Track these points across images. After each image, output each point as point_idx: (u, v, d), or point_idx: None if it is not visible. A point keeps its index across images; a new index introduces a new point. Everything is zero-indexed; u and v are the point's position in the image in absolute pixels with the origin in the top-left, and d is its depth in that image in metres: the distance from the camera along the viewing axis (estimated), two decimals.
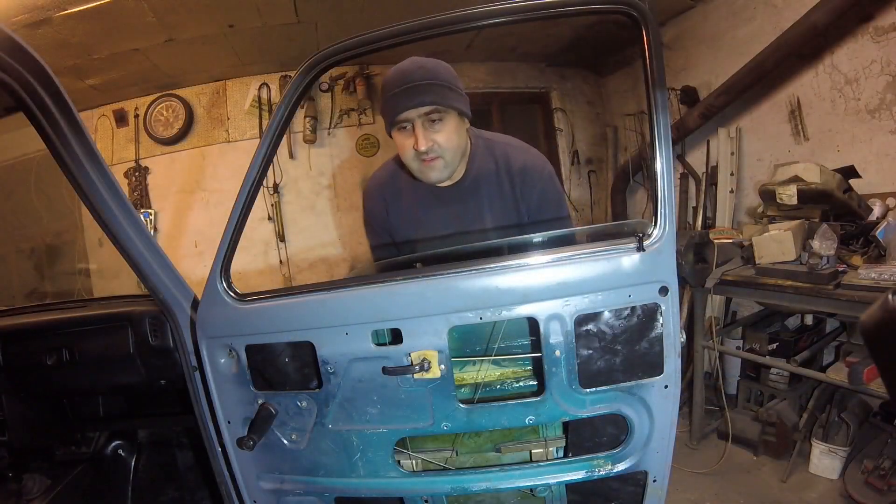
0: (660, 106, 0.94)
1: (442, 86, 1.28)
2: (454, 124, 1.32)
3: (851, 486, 2.17)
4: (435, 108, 1.27)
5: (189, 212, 4.04)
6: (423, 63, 1.31)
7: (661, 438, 1.06)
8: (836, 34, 2.58)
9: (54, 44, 2.88)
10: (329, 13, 3.19)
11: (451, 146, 1.32)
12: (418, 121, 1.27)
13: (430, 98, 1.25)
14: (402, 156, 1.36)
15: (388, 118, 1.31)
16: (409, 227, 1.48)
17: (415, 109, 1.26)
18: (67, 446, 1.77)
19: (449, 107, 1.29)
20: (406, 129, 1.30)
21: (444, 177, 1.37)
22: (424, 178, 1.37)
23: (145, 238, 1.08)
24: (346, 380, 1.07)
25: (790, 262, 2.30)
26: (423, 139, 1.27)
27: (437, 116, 1.28)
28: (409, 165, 1.37)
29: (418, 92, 1.25)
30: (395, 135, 1.33)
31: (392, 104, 1.27)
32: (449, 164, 1.34)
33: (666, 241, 0.96)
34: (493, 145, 1.45)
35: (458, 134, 1.34)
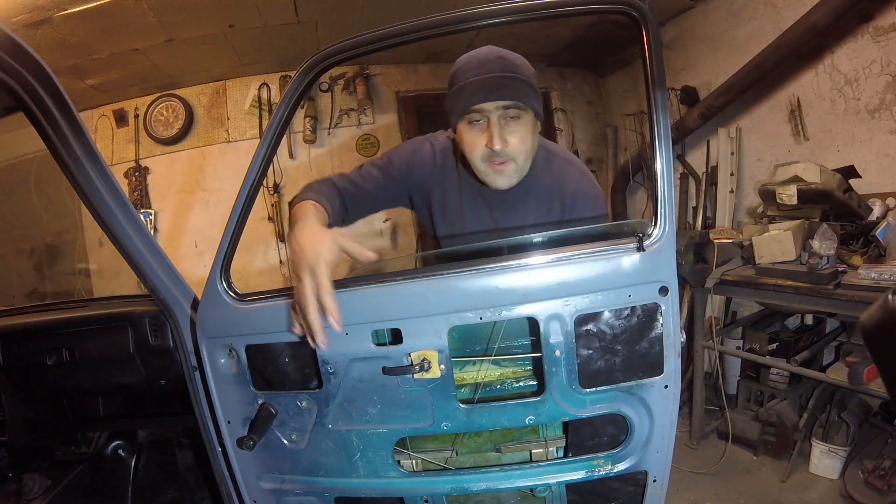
0: (660, 106, 0.94)
1: (524, 81, 1.16)
2: (530, 126, 1.19)
3: (851, 486, 2.17)
4: (515, 104, 1.14)
5: (189, 212, 4.05)
6: (505, 54, 1.19)
7: (661, 438, 1.06)
8: (836, 34, 2.58)
9: (54, 44, 2.88)
10: (329, 13, 3.20)
11: (525, 150, 1.19)
12: (495, 115, 1.14)
13: (512, 92, 1.13)
14: (467, 152, 1.21)
15: (457, 108, 1.17)
16: (447, 217, 1.37)
17: (493, 102, 1.13)
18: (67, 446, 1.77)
19: (529, 106, 1.17)
20: (478, 124, 1.17)
21: (513, 183, 1.23)
22: (491, 182, 1.23)
23: (145, 238, 1.08)
24: (346, 380, 1.07)
25: (790, 262, 2.30)
26: (499, 138, 1.14)
27: (515, 114, 1.15)
28: (474, 165, 1.22)
29: (500, 84, 1.13)
30: (463, 129, 1.19)
31: (465, 93, 1.14)
32: (520, 169, 1.21)
33: (666, 241, 0.96)
34: (552, 158, 1.33)
35: (533, 138, 1.21)
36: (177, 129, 3.94)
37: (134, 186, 3.94)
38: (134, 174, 3.95)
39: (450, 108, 1.20)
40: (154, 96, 3.93)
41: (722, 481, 2.47)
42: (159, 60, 3.47)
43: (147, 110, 3.93)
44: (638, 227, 0.98)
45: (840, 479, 2.28)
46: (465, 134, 1.20)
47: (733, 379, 3.12)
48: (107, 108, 3.93)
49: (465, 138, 1.21)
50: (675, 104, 3.53)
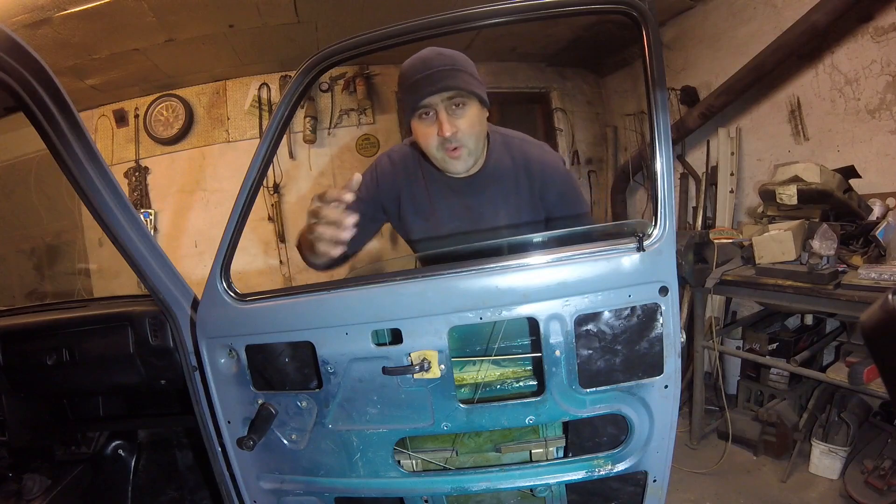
0: (660, 106, 0.94)
1: (463, 71, 1.26)
2: (476, 112, 1.29)
3: (851, 486, 2.17)
4: (458, 93, 1.24)
5: (189, 212, 4.05)
6: (442, 51, 1.29)
7: (661, 438, 1.06)
8: (836, 34, 2.58)
9: (54, 44, 2.88)
10: (329, 13, 3.19)
11: (475, 133, 1.29)
12: (441, 106, 1.24)
13: (454, 82, 1.23)
14: (423, 146, 1.32)
15: (408, 106, 1.28)
16: (420, 215, 1.45)
17: (438, 95, 1.22)
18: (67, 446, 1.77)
19: (471, 93, 1.26)
20: (428, 117, 1.27)
21: (468, 166, 1.34)
22: (448, 168, 1.33)
23: (145, 238, 1.08)
24: (346, 380, 1.07)
25: (790, 262, 2.30)
26: (448, 125, 1.24)
27: (459, 101, 1.25)
28: (431, 155, 1.33)
29: (441, 77, 1.22)
30: (416, 124, 1.30)
31: (413, 91, 1.24)
32: (472, 152, 1.31)
33: (666, 241, 0.96)
34: (509, 140, 1.43)
35: (480, 122, 1.31)
36: (177, 129, 3.94)
37: (134, 186, 3.93)
38: (134, 174, 3.94)
39: (403, 109, 1.30)
40: (154, 96, 3.93)
41: (722, 481, 2.47)
42: (159, 60, 3.46)
43: (147, 110, 3.93)
44: (638, 227, 0.98)
45: (840, 479, 2.28)
46: (419, 128, 1.30)
47: (733, 379, 3.12)
48: (107, 108, 3.93)
49: (419, 132, 1.31)
50: (675, 104, 3.53)
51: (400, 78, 1.31)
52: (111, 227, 1.04)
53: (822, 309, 2.31)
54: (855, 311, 2.02)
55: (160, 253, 1.10)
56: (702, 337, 2.76)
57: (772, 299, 2.41)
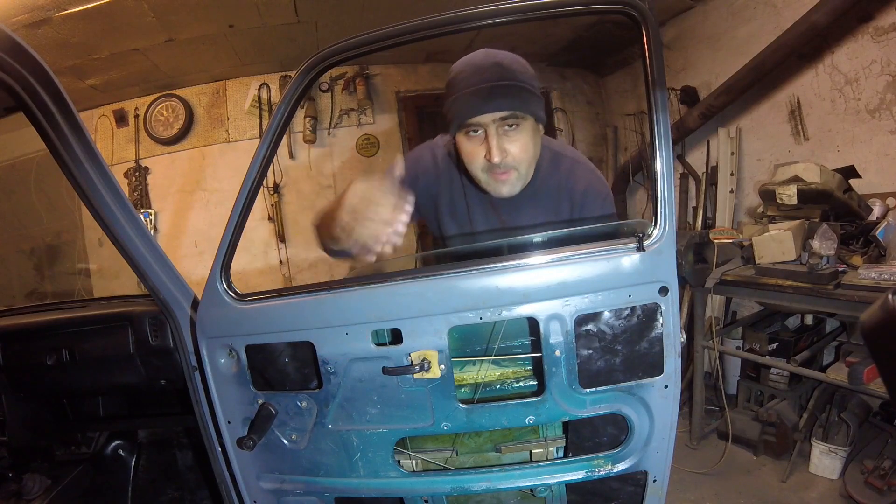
0: (660, 106, 0.94)
1: (522, 88, 1.13)
2: (531, 132, 1.17)
3: (851, 486, 2.17)
4: (513, 114, 1.12)
5: (189, 212, 4.05)
6: (501, 59, 1.14)
7: (661, 438, 1.06)
8: (836, 34, 2.58)
9: (54, 44, 2.88)
10: (329, 13, 3.20)
11: (527, 157, 1.18)
12: (492, 127, 1.12)
13: (509, 102, 1.10)
14: (468, 163, 1.20)
15: (455, 119, 1.15)
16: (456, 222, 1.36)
17: (490, 114, 1.10)
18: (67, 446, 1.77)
19: (528, 113, 1.13)
20: (476, 135, 1.15)
21: (516, 191, 1.22)
22: (494, 191, 1.21)
23: (145, 238, 1.08)
24: (346, 380, 1.07)
25: (790, 262, 2.30)
26: (498, 150, 1.12)
27: (513, 122, 1.13)
28: (475, 175, 1.21)
29: (496, 94, 1.10)
30: (462, 139, 1.18)
31: (462, 105, 1.12)
32: (522, 176, 1.20)
33: (666, 241, 0.96)
34: (559, 159, 1.31)
35: (534, 143, 1.19)
36: (177, 129, 3.94)
37: (134, 186, 3.94)
38: (134, 174, 3.95)
39: (448, 117, 1.18)
40: (154, 96, 3.93)
41: (722, 481, 2.47)
42: (159, 60, 3.47)
43: (147, 110, 3.93)
44: (638, 227, 0.98)
45: (840, 479, 2.28)
46: (464, 145, 1.19)
47: (733, 379, 3.12)
48: (107, 108, 3.93)
49: (464, 149, 1.20)
50: (675, 104, 3.53)
51: (448, 84, 1.18)
52: (111, 227, 1.04)
53: (822, 309, 2.32)
54: (855, 311, 2.02)
55: (160, 253, 1.10)
56: (702, 337, 2.76)
57: (772, 299, 2.42)
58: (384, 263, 1.45)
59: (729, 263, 2.60)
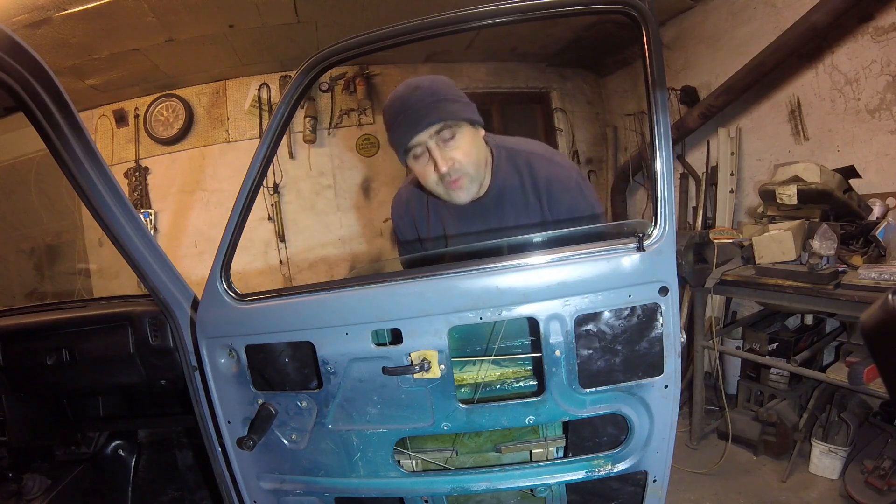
0: (660, 106, 0.94)
1: (444, 100, 1.21)
2: (469, 136, 1.25)
3: (851, 486, 2.17)
4: (444, 125, 1.20)
5: (189, 212, 4.05)
6: (418, 83, 1.24)
7: (661, 438, 1.06)
8: (836, 34, 2.58)
9: (54, 44, 2.88)
10: (329, 13, 3.20)
11: (472, 160, 1.25)
12: (431, 142, 1.21)
13: (436, 115, 1.19)
14: (424, 183, 1.29)
15: (398, 148, 1.25)
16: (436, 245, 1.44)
17: (424, 131, 1.19)
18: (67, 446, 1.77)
19: (458, 119, 1.22)
20: (421, 155, 1.24)
21: (473, 194, 1.30)
22: (454, 200, 1.29)
23: (145, 238, 1.08)
24: (346, 380, 1.07)
25: (790, 262, 2.30)
26: (442, 160, 1.20)
27: (448, 133, 1.21)
28: (433, 191, 1.30)
29: (421, 114, 1.19)
30: (412, 163, 1.27)
31: (398, 132, 1.21)
32: (475, 178, 1.27)
33: (666, 241, 0.96)
34: (515, 155, 1.36)
35: (476, 145, 1.27)
36: (177, 129, 3.93)
37: (134, 186, 3.93)
38: (134, 174, 3.94)
39: (395, 150, 1.28)
40: (154, 96, 3.93)
41: (722, 481, 2.47)
42: (159, 60, 3.46)
43: (147, 110, 3.93)
44: (638, 227, 0.98)
45: (840, 479, 2.28)
46: (415, 167, 1.27)
47: (733, 379, 3.11)
48: (107, 108, 3.93)
49: (416, 171, 1.28)
50: (675, 104, 3.53)
51: (384, 121, 1.28)
52: (111, 227, 1.04)
53: (822, 309, 2.31)
54: (855, 311, 2.02)
55: (160, 253, 1.10)
56: (702, 337, 2.76)
57: (772, 299, 2.41)
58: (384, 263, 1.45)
59: (729, 263, 2.60)
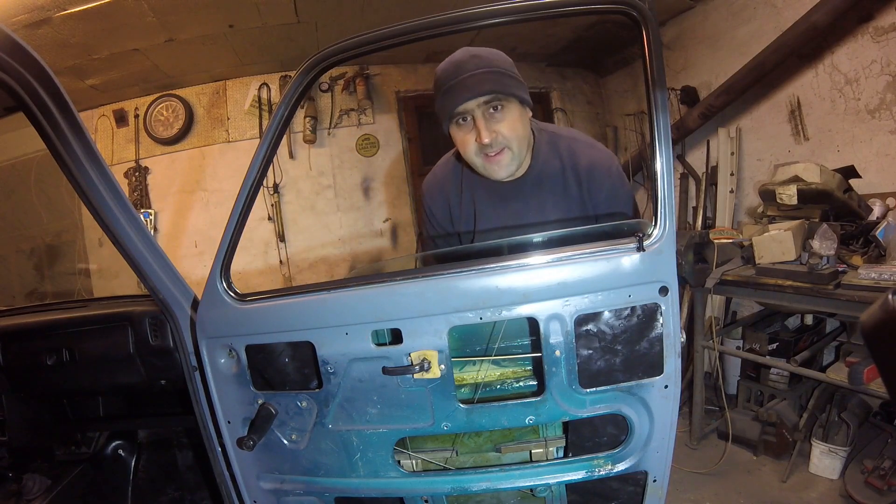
0: (660, 106, 0.94)
1: (500, 72, 1.20)
2: (517, 113, 1.24)
3: (851, 486, 2.17)
4: (495, 97, 1.19)
5: (189, 212, 4.05)
6: (477, 52, 1.22)
7: (661, 438, 1.06)
8: (836, 34, 2.58)
9: (54, 44, 2.88)
10: (329, 13, 3.20)
11: (517, 136, 1.24)
12: (478, 111, 1.19)
13: (489, 86, 1.17)
14: (463, 152, 1.27)
15: (444, 113, 1.23)
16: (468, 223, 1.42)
17: (473, 100, 1.18)
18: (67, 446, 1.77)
19: (510, 94, 1.20)
20: (465, 123, 1.22)
21: (511, 171, 1.28)
22: (491, 174, 1.27)
23: (145, 238, 1.08)
24: (346, 380, 1.07)
25: (790, 262, 2.30)
26: (486, 130, 1.19)
27: (497, 104, 1.20)
28: (471, 162, 1.27)
29: (475, 81, 1.17)
30: (454, 131, 1.25)
31: (448, 98, 1.20)
32: (516, 156, 1.26)
33: (666, 241, 0.96)
34: (557, 139, 1.35)
35: (523, 124, 1.26)
36: (177, 129, 3.94)
37: (134, 186, 3.93)
38: (134, 174, 3.94)
39: (440, 115, 1.26)
40: (154, 96, 3.93)
41: (722, 481, 2.47)
42: (159, 60, 3.47)
43: (147, 110, 3.93)
44: (638, 227, 0.98)
45: (840, 479, 2.28)
46: (457, 135, 1.26)
47: (733, 379, 3.12)
48: (107, 108, 3.93)
49: (457, 140, 1.27)
50: (675, 104, 3.53)
51: (434, 84, 1.26)
52: (111, 227, 1.04)
53: (822, 309, 2.31)
54: (855, 311, 2.02)
55: (160, 253, 1.10)
56: (702, 337, 2.76)
57: (772, 299, 2.41)
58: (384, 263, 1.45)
59: (729, 263, 2.60)
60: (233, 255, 1.08)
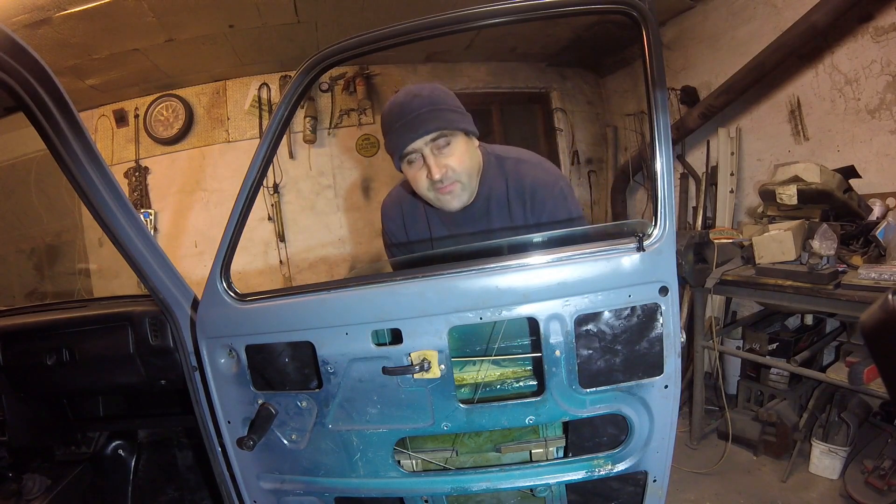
0: (660, 106, 0.94)
1: (442, 109, 1.25)
2: (464, 145, 1.28)
3: (851, 486, 2.17)
4: (440, 133, 1.23)
5: (189, 212, 4.05)
6: (418, 91, 1.27)
7: (661, 438, 1.06)
8: (836, 34, 2.58)
9: (54, 44, 2.88)
10: (329, 13, 3.20)
11: (465, 168, 1.28)
12: (426, 149, 1.24)
13: (434, 124, 1.22)
14: (416, 188, 1.32)
15: (394, 154, 1.28)
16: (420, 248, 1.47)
17: (420, 139, 1.22)
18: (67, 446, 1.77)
19: (455, 129, 1.25)
20: (415, 161, 1.27)
21: (465, 201, 1.32)
22: (444, 206, 1.32)
23: (145, 238, 1.08)
24: (346, 380, 1.07)
25: (790, 262, 2.30)
26: (436, 167, 1.24)
27: (444, 142, 1.25)
28: (425, 196, 1.32)
29: (420, 121, 1.22)
30: (406, 169, 1.30)
31: (395, 138, 1.25)
32: (467, 186, 1.31)
33: (666, 241, 0.96)
34: (503, 162, 1.39)
35: (470, 154, 1.30)
36: (177, 129, 3.93)
37: (134, 186, 3.93)
38: (134, 174, 3.94)
39: (391, 154, 1.30)
40: (154, 96, 3.93)
41: (722, 481, 2.47)
42: (159, 60, 3.46)
43: (147, 110, 3.93)
44: (638, 227, 0.98)
45: (840, 479, 2.28)
46: (408, 172, 1.31)
47: (733, 379, 3.12)
48: (107, 108, 3.93)
49: (409, 176, 1.31)
50: (675, 104, 3.53)
51: (381, 125, 1.31)
52: (111, 227, 1.04)
53: (822, 309, 2.31)
54: (855, 311, 2.02)
55: (160, 253, 1.10)
56: (702, 337, 2.76)
57: (772, 299, 2.41)
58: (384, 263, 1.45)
59: (729, 263, 2.60)
60: (233, 255, 1.08)
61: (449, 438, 1.18)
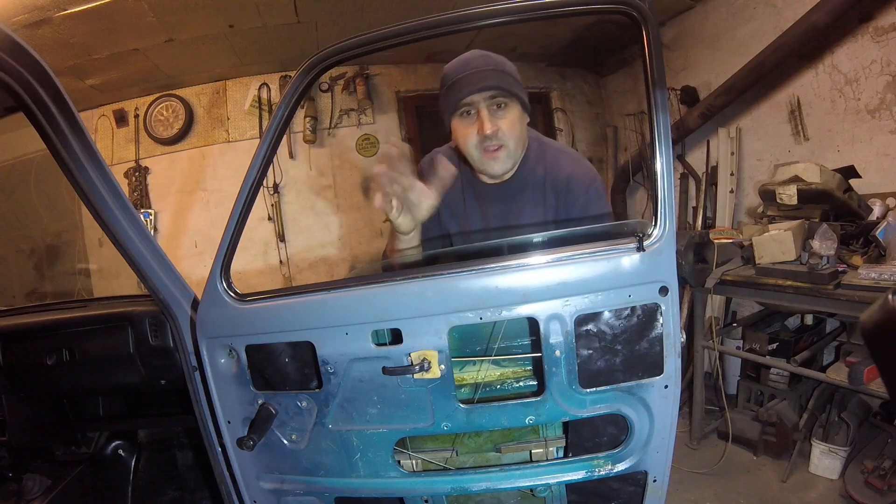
0: (660, 106, 0.94)
1: (507, 73, 1.26)
2: (517, 115, 1.29)
3: (851, 486, 2.17)
4: (500, 93, 1.24)
5: (189, 212, 4.05)
6: (486, 53, 1.29)
7: (661, 438, 1.06)
8: (836, 34, 2.58)
9: (54, 44, 2.88)
10: (329, 13, 3.20)
11: (515, 135, 1.29)
12: (483, 104, 1.24)
13: (496, 82, 1.23)
14: (462, 145, 1.31)
15: (449, 105, 1.27)
16: (454, 218, 1.45)
17: (480, 93, 1.23)
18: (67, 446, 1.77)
19: (513, 95, 1.26)
20: (469, 116, 1.27)
21: (507, 168, 1.32)
22: (486, 169, 1.32)
23: (145, 238, 1.08)
24: (346, 380, 1.07)
25: (790, 262, 2.30)
26: (489, 123, 1.23)
27: (501, 102, 1.25)
28: (469, 155, 1.31)
29: (482, 77, 1.23)
30: (456, 123, 1.29)
31: (454, 90, 1.24)
32: (511, 154, 1.30)
33: (666, 241, 0.96)
34: (545, 149, 1.40)
35: (521, 125, 1.31)
36: (177, 129, 3.94)
37: (134, 186, 3.93)
38: (134, 174, 3.94)
39: (443, 108, 1.30)
40: (154, 96, 3.93)
41: (722, 481, 2.47)
42: (159, 60, 3.47)
43: (147, 110, 3.93)
44: (638, 227, 0.98)
45: (840, 479, 2.28)
46: (459, 127, 1.30)
47: (733, 379, 3.12)
48: (107, 108, 3.93)
49: (459, 132, 1.30)
50: (675, 104, 3.53)
51: (442, 78, 1.31)
52: (111, 227, 1.04)
53: (822, 309, 2.31)
54: (855, 311, 2.02)
55: (160, 253, 1.10)
56: (702, 337, 2.76)
57: (772, 299, 2.41)
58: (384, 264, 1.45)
59: (729, 263, 2.60)
60: (233, 255, 1.08)
61: (449, 438, 1.18)
